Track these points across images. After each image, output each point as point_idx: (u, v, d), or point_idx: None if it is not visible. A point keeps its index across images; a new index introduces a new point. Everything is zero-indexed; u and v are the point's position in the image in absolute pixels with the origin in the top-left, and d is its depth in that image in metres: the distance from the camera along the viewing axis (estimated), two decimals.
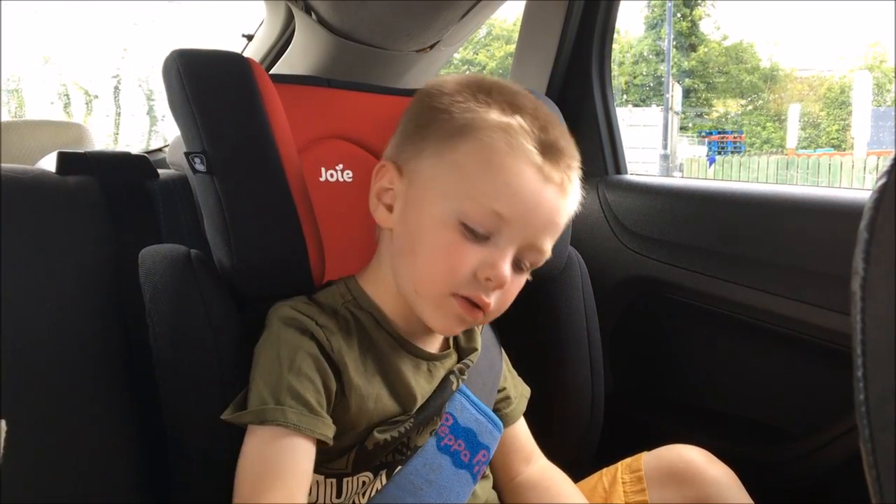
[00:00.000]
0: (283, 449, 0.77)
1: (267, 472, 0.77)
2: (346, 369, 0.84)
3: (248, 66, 0.90)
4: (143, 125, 5.88)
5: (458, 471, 0.92)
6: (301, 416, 0.78)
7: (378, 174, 0.91)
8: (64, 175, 0.96)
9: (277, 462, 0.77)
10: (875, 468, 0.40)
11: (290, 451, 0.78)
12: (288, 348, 0.82)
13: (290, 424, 0.77)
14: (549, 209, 0.85)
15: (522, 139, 0.82)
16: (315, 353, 0.82)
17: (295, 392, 0.79)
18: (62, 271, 0.89)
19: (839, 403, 1.14)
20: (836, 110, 25.66)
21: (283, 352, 0.81)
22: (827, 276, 1.16)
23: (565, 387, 1.16)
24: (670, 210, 1.41)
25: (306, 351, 0.82)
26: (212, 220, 0.88)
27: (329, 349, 0.83)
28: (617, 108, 1.68)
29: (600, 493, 1.03)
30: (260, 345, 0.85)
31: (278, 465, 0.77)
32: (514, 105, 0.86)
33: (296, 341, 0.82)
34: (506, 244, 0.83)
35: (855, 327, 0.41)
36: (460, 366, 0.95)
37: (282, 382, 0.79)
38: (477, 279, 0.83)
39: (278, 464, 0.77)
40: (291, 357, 0.81)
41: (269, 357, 0.82)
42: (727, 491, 0.95)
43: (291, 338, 0.83)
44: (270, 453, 0.77)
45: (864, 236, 0.42)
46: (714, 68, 26.90)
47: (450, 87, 0.88)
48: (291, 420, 0.77)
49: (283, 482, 0.76)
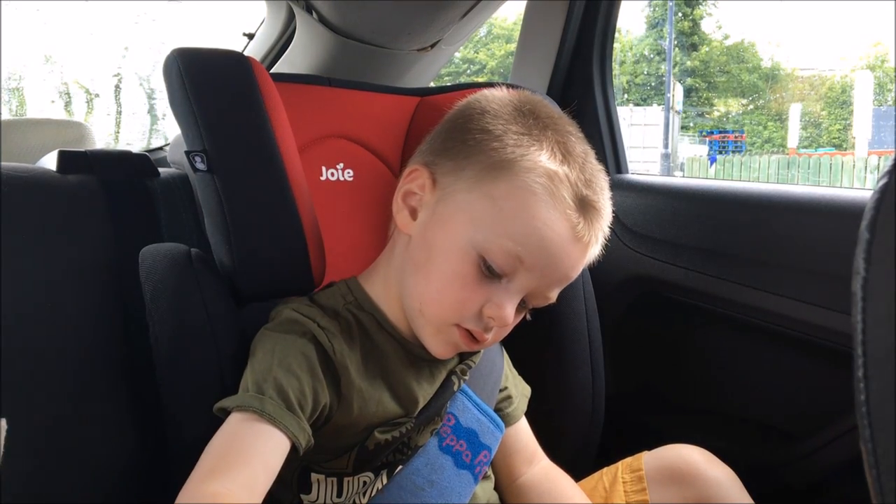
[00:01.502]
0: (254, 434, 0.74)
1: (231, 452, 0.73)
2: (347, 372, 0.83)
3: (248, 65, 0.90)
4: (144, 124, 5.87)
5: (459, 471, 0.92)
6: (277, 409, 0.76)
7: (409, 176, 0.89)
8: (65, 174, 0.96)
9: (246, 445, 0.74)
10: (876, 468, 0.40)
11: (262, 438, 0.74)
12: (283, 346, 0.81)
13: (265, 414, 0.75)
14: (570, 265, 0.85)
15: (564, 192, 0.82)
16: (311, 357, 0.81)
17: (279, 386, 0.77)
18: (63, 270, 0.89)
19: (840, 404, 1.14)
20: (837, 110, 25.64)
21: (279, 349, 0.81)
22: (828, 276, 1.16)
23: (566, 386, 1.16)
24: (671, 209, 1.41)
25: (302, 352, 0.81)
26: (212, 218, 0.88)
27: (331, 352, 0.83)
28: (618, 108, 1.68)
29: (601, 493, 1.03)
30: (257, 340, 0.84)
31: (246, 448, 0.74)
32: (565, 149, 0.85)
33: (294, 342, 0.82)
34: (517, 288, 0.84)
35: (856, 327, 0.41)
36: (462, 366, 0.95)
37: (268, 375, 0.78)
38: (481, 315, 0.84)
39: (246, 447, 0.74)
40: (284, 354, 0.80)
41: (264, 351, 0.81)
42: (727, 491, 0.95)
43: (290, 339, 0.82)
44: (240, 435, 0.74)
45: (865, 236, 0.41)
46: (715, 68, 26.88)
47: (507, 112, 0.87)
48: (268, 410, 0.75)
49: (246, 466, 0.72)
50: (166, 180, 1.09)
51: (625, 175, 1.62)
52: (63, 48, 7.64)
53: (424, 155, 0.91)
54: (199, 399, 0.82)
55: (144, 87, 5.74)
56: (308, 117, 1.06)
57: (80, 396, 0.86)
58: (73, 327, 0.88)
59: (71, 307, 0.89)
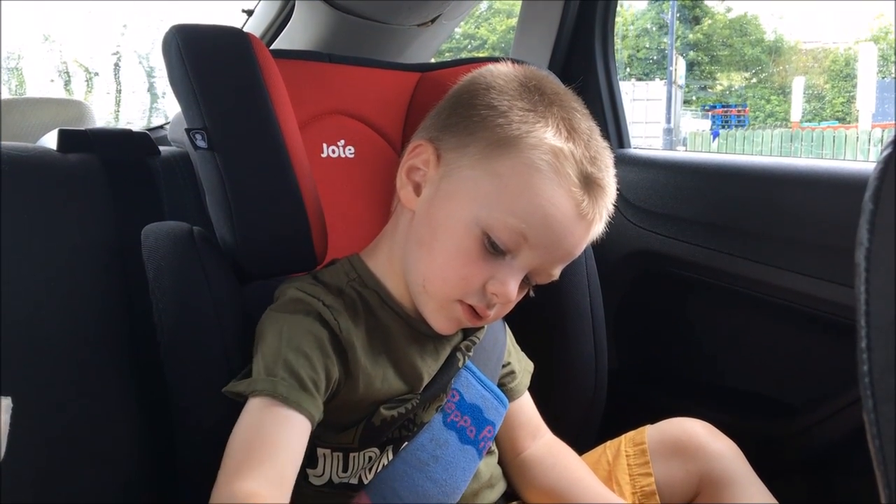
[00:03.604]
0: (274, 421, 0.75)
1: (256, 444, 0.74)
2: (353, 349, 0.83)
3: (248, 42, 0.89)
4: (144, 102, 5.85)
5: (463, 446, 0.92)
6: (290, 390, 0.76)
7: (414, 152, 0.89)
8: (65, 153, 0.96)
9: (270, 435, 0.75)
10: (878, 439, 0.40)
11: (283, 424, 0.75)
12: (290, 326, 0.81)
13: (279, 395, 0.75)
14: (574, 243, 0.85)
15: (569, 169, 0.81)
16: (319, 335, 0.82)
17: (289, 367, 0.78)
18: (64, 249, 0.89)
19: (842, 376, 1.14)
20: (841, 83, 25.50)
21: (286, 329, 0.81)
22: (831, 250, 1.16)
23: (569, 362, 1.16)
24: (674, 184, 1.40)
25: (310, 331, 0.81)
26: (214, 196, 0.88)
27: (337, 329, 0.83)
28: (620, 82, 1.67)
29: (604, 466, 1.03)
30: (263, 322, 0.84)
31: (270, 439, 0.74)
32: (570, 125, 0.84)
33: (301, 322, 0.82)
34: (520, 265, 0.84)
35: (859, 299, 0.41)
36: (466, 342, 0.95)
37: (279, 358, 0.78)
38: (484, 291, 0.84)
39: (271, 438, 0.74)
40: (292, 335, 0.81)
41: (272, 333, 0.81)
42: (730, 464, 0.96)
43: (297, 318, 0.83)
44: (263, 425, 0.75)
45: (868, 207, 0.41)
46: (718, 41, 26.69)
47: (512, 87, 0.86)
48: (280, 391, 0.76)
49: (274, 460, 0.73)
50: (167, 159, 1.09)
51: (627, 150, 1.61)
52: (62, 27, 7.59)
53: (429, 130, 0.91)
54: (204, 376, 0.83)
55: (144, 65, 5.72)
56: (308, 94, 1.06)
57: (82, 376, 0.87)
58: (75, 306, 0.88)
59: (73, 287, 0.89)
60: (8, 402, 0.75)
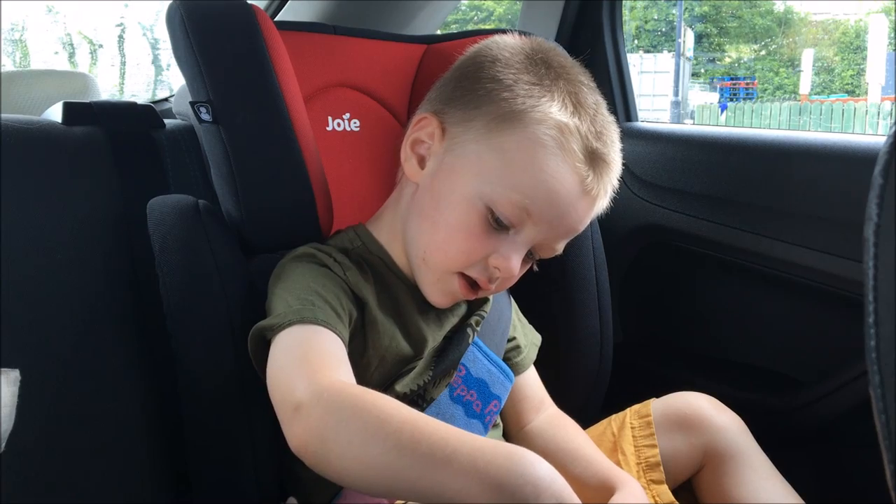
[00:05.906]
0: (319, 340, 0.73)
1: (304, 360, 0.70)
2: (366, 303, 0.84)
3: (252, 14, 0.89)
4: (149, 74, 5.82)
5: (470, 420, 0.93)
6: (328, 316, 0.75)
7: (418, 124, 0.89)
8: (70, 126, 0.96)
9: (316, 349, 0.72)
10: (885, 413, 0.40)
11: (328, 341, 0.73)
12: (309, 272, 0.82)
13: (320, 320, 0.74)
14: (577, 218, 0.85)
15: (574, 144, 0.81)
16: (336, 279, 0.82)
17: (322, 296, 0.77)
18: (69, 222, 0.89)
19: (847, 351, 1.14)
20: (850, 55, 25.23)
21: (306, 272, 0.81)
22: (839, 224, 1.15)
23: (574, 335, 1.16)
24: (681, 158, 1.39)
25: (329, 276, 0.82)
26: (219, 169, 0.87)
27: (348, 282, 0.84)
28: (628, 54, 1.66)
29: (609, 439, 1.04)
30: (279, 272, 0.84)
31: (323, 352, 0.71)
32: (576, 100, 0.84)
33: (316, 269, 0.83)
34: (524, 240, 0.84)
35: (867, 273, 0.41)
36: (476, 317, 0.95)
37: (308, 291, 0.78)
38: (486, 264, 0.84)
39: (317, 350, 0.71)
40: (313, 276, 0.81)
41: (294, 275, 0.81)
42: (734, 437, 0.96)
43: (312, 266, 0.83)
44: (306, 345, 0.72)
45: (878, 182, 0.41)
46: (727, 12, 26.41)
47: (518, 60, 0.86)
48: (320, 316, 0.74)
49: (336, 366, 0.70)
50: (172, 131, 1.08)
51: (634, 123, 1.60)
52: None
53: (434, 103, 0.90)
54: (210, 348, 0.83)
55: (148, 37, 5.69)
56: (313, 67, 1.05)
57: (88, 349, 0.87)
58: (81, 279, 0.88)
59: (78, 259, 0.89)
60: (16, 374, 0.75)
